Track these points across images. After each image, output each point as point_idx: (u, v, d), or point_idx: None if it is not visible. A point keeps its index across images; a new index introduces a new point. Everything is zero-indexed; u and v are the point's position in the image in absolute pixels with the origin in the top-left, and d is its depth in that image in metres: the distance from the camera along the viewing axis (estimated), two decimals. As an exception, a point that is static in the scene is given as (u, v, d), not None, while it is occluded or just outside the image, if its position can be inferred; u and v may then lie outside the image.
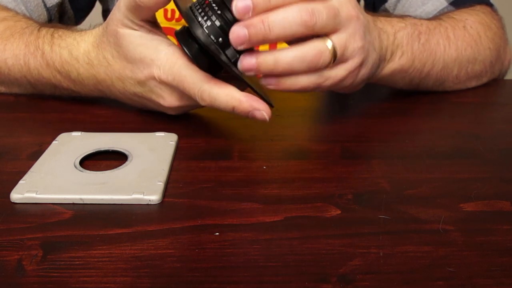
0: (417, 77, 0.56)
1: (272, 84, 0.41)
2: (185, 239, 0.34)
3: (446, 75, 0.58)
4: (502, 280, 0.31)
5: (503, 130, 0.52)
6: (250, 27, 0.38)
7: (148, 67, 0.46)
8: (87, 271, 0.31)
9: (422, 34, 0.55)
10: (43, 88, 0.54)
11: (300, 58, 0.40)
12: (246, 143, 0.48)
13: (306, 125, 0.54)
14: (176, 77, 0.45)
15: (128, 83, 0.48)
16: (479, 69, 0.60)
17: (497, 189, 0.40)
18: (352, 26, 0.42)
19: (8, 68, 0.54)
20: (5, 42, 0.54)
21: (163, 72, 0.45)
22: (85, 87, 0.51)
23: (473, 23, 0.60)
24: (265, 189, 0.40)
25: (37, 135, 0.49)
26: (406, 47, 0.53)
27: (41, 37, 0.53)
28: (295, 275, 0.31)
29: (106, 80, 0.49)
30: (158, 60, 0.45)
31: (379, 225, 0.36)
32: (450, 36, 0.57)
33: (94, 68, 0.49)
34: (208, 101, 0.43)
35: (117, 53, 0.47)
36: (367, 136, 0.49)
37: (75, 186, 0.39)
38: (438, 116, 0.55)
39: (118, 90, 0.49)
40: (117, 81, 0.49)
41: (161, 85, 0.46)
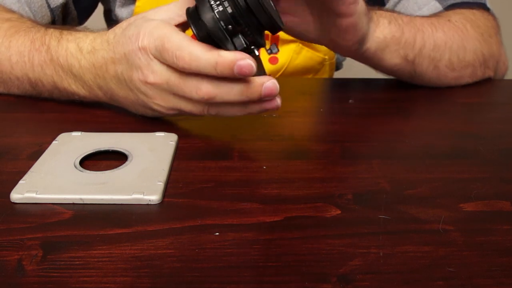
0: (411, 52, 0.56)
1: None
2: (185, 239, 0.34)
3: (439, 57, 0.58)
4: (502, 280, 0.31)
5: (503, 130, 0.52)
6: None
7: (137, 34, 0.44)
8: (87, 271, 0.31)
9: (404, 17, 0.57)
10: (43, 88, 0.54)
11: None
12: (246, 143, 0.48)
13: (306, 125, 0.54)
14: (158, 37, 0.43)
15: (118, 61, 0.46)
16: (471, 58, 0.61)
17: (497, 189, 0.40)
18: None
19: (11, 65, 0.54)
20: (10, 39, 0.54)
21: (147, 35, 0.43)
22: (85, 84, 0.50)
23: (458, 18, 0.61)
24: (265, 189, 0.40)
25: (37, 135, 0.49)
26: (390, 18, 0.54)
27: (48, 34, 0.53)
28: (295, 275, 0.31)
29: (102, 66, 0.48)
30: (147, 26, 0.44)
31: (379, 225, 0.36)
32: (435, 23, 0.58)
33: (95, 54, 0.48)
34: (187, 58, 0.41)
35: (120, 32, 0.47)
36: (367, 136, 0.49)
37: (75, 186, 0.39)
38: (438, 116, 0.55)
39: (111, 76, 0.48)
40: (110, 64, 0.47)
41: (141, 54, 0.44)
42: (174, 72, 0.43)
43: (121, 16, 0.76)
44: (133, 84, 0.46)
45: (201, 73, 0.42)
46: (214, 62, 0.40)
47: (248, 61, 0.40)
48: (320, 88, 0.67)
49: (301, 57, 0.74)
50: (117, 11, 0.76)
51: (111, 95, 0.50)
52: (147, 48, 0.44)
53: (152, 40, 0.43)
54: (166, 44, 0.42)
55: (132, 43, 0.45)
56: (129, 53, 0.45)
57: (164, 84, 0.44)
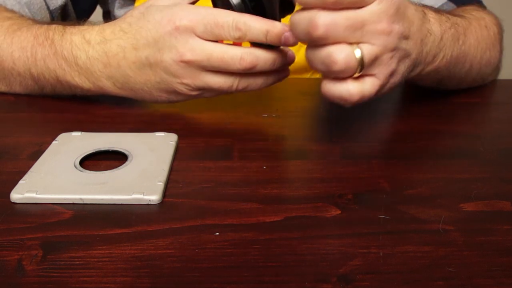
0: (446, 77, 0.55)
1: None
2: (185, 239, 0.34)
3: (467, 77, 0.58)
4: (502, 280, 0.31)
5: (503, 130, 0.52)
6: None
7: (169, 17, 0.46)
8: (87, 271, 0.31)
9: (461, 36, 0.53)
10: (45, 83, 0.54)
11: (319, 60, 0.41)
12: (246, 143, 0.48)
13: (306, 125, 0.54)
14: (206, 16, 0.45)
15: (142, 46, 0.47)
16: (489, 71, 0.61)
17: (497, 189, 0.40)
18: (381, 40, 0.40)
19: (13, 61, 0.54)
20: (12, 36, 0.54)
21: (187, 16, 0.45)
22: (91, 76, 0.50)
23: (490, 24, 0.60)
24: (265, 189, 0.40)
25: (37, 135, 0.49)
26: (448, 50, 0.51)
27: (51, 28, 0.53)
28: (295, 275, 0.31)
29: (118, 53, 0.48)
30: (181, 9, 0.46)
31: (379, 225, 0.36)
32: (479, 37, 0.57)
33: (107, 44, 0.49)
34: (243, 29, 0.44)
35: (137, 20, 0.48)
36: (367, 136, 0.49)
37: (75, 186, 0.39)
38: (438, 116, 0.55)
39: (129, 63, 0.48)
40: (130, 50, 0.48)
41: (178, 34, 0.46)
42: (217, 45, 0.46)
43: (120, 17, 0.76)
44: (162, 65, 0.47)
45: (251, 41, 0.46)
46: (266, 31, 0.44)
47: (292, 33, 0.43)
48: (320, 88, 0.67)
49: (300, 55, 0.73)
50: (116, 12, 0.76)
51: (123, 82, 0.50)
52: (191, 27, 0.45)
53: (199, 19, 0.45)
54: (220, 19, 0.45)
55: (163, 26, 0.46)
56: (161, 35, 0.46)
57: (205, 60, 0.46)
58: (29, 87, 0.56)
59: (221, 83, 0.47)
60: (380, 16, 0.39)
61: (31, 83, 0.55)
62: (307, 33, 0.39)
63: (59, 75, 0.52)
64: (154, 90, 0.50)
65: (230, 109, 0.55)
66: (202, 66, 0.46)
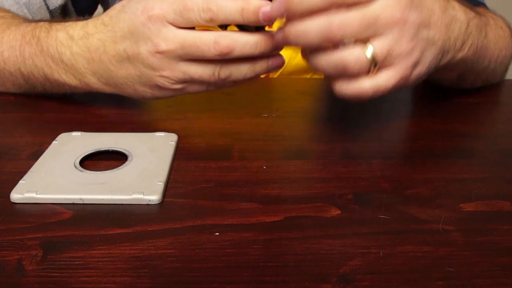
0: (468, 71, 0.54)
1: None
2: (185, 239, 0.34)
3: (482, 74, 0.57)
4: (502, 280, 0.31)
5: (503, 130, 0.52)
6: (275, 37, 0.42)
7: (143, 7, 0.44)
8: (87, 271, 0.31)
9: (483, 28, 0.52)
10: (35, 82, 0.54)
11: (333, 65, 0.40)
12: (246, 143, 0.48)
13: (306, 125, 0.54)
14: (176, 1, 0.43)
15: (120, 39, 0.46)
16: (500, 71, 0.60)
17: (497, 189, 0.40)
18: (396, 31, 0.39)
19: (3, 61, 0.54)
20: (1, 35, 0.54)
21: (159, 3, 0.44)
22: (77, 72, 0.50)
23: (503, 25, 0.60)
24: (265, 189, 0.40)
25: (37, 135, 0.49)
26: (474, 38, 0.50)
27: (38, 26, 0.53)
28: (295, 275, 0.31)
29: (99, 48, 0.48)
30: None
31: (379, 225, 0.36)
32: (496, 35, 0.56)
33: (89, 38, 0.48)
34: (214, 9, 0.42)
35: (117, 13, 0.47)
36: (367, 136, 0.49)
37: (75, 186, 0.39)
38: (438, 116, 0.55)
39: (110, 57, 0.47)
40: (110, 44, 0.47)
41: (151, 23, 0.44)
42: (189, 31, 0.44)
43: None
44: (140, 58, 0.46)
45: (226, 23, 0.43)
46: (241, 9, 0.42)
47: (270, 7, 0.41)
48: (320, 88, 0.67)
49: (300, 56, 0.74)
50: None
51: (107, 78, 0.49)
52: (162, 15, 0.43)
53: (169, 5, 0.43)
54: (189, 2, 0.43)
55: (137, 16, 0.45)
56: (136, 27, 0.45)
57: (179, 48, 0.44)
58: (22, 86, 0.56)
59: (200, 72, 0.45)
60: (393, 6, 0.39)
61: (22, 82, 0.55)
62: (324, 37, 0.38)
63: (47, 73, 0.52)
64: (137, 85, 0.48)
65: (230, 109, 0.55)
66: (178, 55, 0.44)
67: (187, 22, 0.43)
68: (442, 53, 0.45)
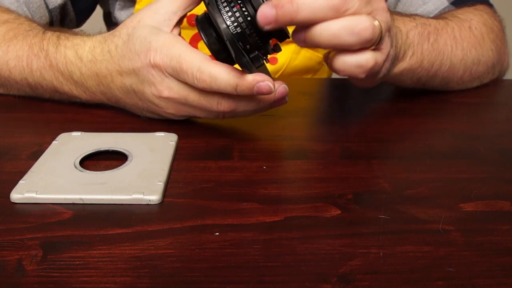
0: (425, 76, 0.55)
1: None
2: (185, 239, 0.34)
3: (451, 76, 0.58)
4: (502, 280, 0.31)
5: (503, 130, 0.52)
6: (278, 8, 0.37)
7: (146, 51, 0.45)
8: (87, 271, 0.31)
9: (431, 34, 0.54)
10: (43, 92, 0.54)
11: (349, 30, 0.39)
12: (246, 143, 0.48)
13: (306, 125, 0.54)
14: (174, 58, 0.43)
15: (126, 74, 0.47)
16: (482, 70, 0.60)
17: (497, 189, 0.40)
18: (385, 15, 0.41)
19: (9, 70, 0.54)
20: (8, 44, 0.54)
21: (159, 53, 0.44)
22: (87, 90, 0.51)
23: (478, 24, 0.60)
24: (265, 189, 0.40)
25: (37, 135, 0.49)
26: (416, 47, 0.52)
27: (46, 38, 0.53)
28: (295, 275, 0.31)
29: (107, 76, 0.48)
30: (156, 42, 0.44)
31: (379, 225, 0.36)
32: (457, 36, 0.57)
33: (97, 64, 0.49)
34: (208, 81, 0.42)
35: (122, 44, 0.47)
36: (367, 136, 0.49)
37: (75, 186, 0.39)
38: (438, 116, 0.55)
39: (117, 87, 0.49)
40: (116, 76, 0.48)
41: (154, 71, 0.45)
42: (193, 90, 0.45)
43: (120, 19, 0.76)
44: (145, 97, 0.47)
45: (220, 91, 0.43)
46: (235, 84, 0.41)
47: (267, 82, 0.41)
48: (320, 88, 0.67)
49: (300, 57, 0.74)
50: (117, 13, 0.76)
51: (116, 101, 0.51)
52: (162, 67, 0.44)
53: (168, 61, 0.44)
54: (184, 65, 0.43)
55: (141, 60, 0.45)
56: (139, 69, 0.46)
57: (182, 99, 0.46)
58: (27, 93, 0.56)
59: (205, 114, 0.47)
60: None
61: (28, 90, 0.55)
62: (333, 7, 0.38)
63: (57, 86, 0.52)
64: (144, 111, 0.50)
65: (230, 109, 0.55)
66: (182, 103, 0.46)
67: (185, 81, 0.44)
68: (395, 58, 0.47)
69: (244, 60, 0.40)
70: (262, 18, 0.37)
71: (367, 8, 0.39)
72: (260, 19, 0.38)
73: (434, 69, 0.55)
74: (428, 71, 0.55)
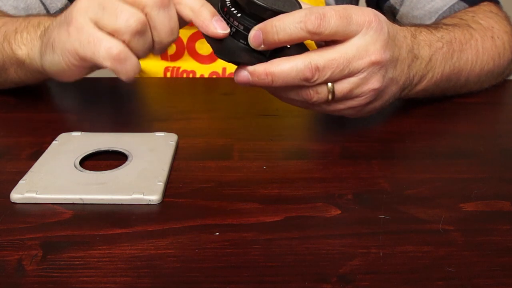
0: (438, 92, 0.55)
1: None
2: (185, 239, 0.34)
3: (463, 89, 0.58)
4: (502, 280, 0.31)
5: (503, 130, 0.52)
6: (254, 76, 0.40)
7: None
8: (87, 271, 0.31)
9: (455, 53, 0.53)
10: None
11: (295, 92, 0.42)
12: (246, 143, 0.48)
13: (306, 125, 0.54)
14: None
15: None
16: (493, 81, 0.60)
17: (497, 189, 0.40)
18: (368, 70, 0.41)
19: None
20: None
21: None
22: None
23: (499, 32, 0.60)
24: (265, 189, 0.40)
25: (37, 135, 0.49)
26: (437, 70, 0.51)
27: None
28: (295, 275, 0.31)
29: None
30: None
31: (379, 225, 0.36)
32: (479, 50, 0.56)
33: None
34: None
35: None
36: (367, 136, 0.49)
37: (75, 186, 0.39)
38: (438, 116, 0.55)
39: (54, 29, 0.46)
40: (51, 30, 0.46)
41: None
42: None
43: None
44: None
45: None
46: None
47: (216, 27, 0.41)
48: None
49: None
50: None
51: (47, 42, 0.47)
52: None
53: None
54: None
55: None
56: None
57: None
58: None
59: None
60: (369, 49, 0.41)
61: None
62: (304, 79, 0.40)
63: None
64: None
65: (230, 109, 0.55)
66: None
67: None
68: (401, 90, 0.47)
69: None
70: (238, 77, 0.41)
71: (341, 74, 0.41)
72: (236, 77, 0.41)
73: (449, 85, 0.55)
74: (443, 89, 0.55)
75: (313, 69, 0.40)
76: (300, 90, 0.42)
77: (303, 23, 0.39)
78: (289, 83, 0.40)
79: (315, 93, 0.41)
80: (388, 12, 0.73)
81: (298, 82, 0.40)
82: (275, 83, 0.40)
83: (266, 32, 0.39)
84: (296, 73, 0.40)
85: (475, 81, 0.58)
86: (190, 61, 0.73)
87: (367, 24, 0.40)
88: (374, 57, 0.41)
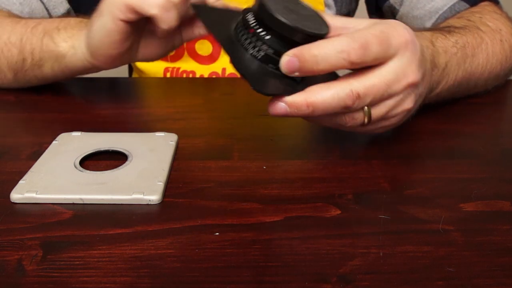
0: (448, 96, 0.54)
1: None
2: (185, 239, 0.34)
3: (469, 92, 0.58)
4: (502, 280, 0.31)
5: (503, 130, 0.52)
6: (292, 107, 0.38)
7: None
8: (87, 271, 0.31)
9: (468, 57, 0.53)
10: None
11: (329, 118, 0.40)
12: (246, 143, 0.48)
13: (306, 125, 0.54)
14: None
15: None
16: (496, 83, 0.60)
17: (497, 189, 0.40)
18: (405, 92, 0.40)
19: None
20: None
21: None
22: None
23: (506, 35, 0.60)
24: (265, 189, 0.40)
25: (37, 135, 0.49)
26: (451, 75, 0.51)
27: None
28: (295, 275, 0.31)
29: None
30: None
31: (379, 225, 0.36)
32: (489, 54, 0.56)
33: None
34: None
35: None
36: (367, 136, 0.49)
37: (75, 186, 0.39)
38: (438, 116, 0.54)
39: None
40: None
41: None
42: None
43: None
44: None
45: None
46: None
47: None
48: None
49: None
50: None
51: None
52: None
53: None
54: None
55: None
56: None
57: None
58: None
59: None
60: (405, 72, 0.39)
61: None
62: (344, 107, 0.38)
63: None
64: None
65: (230, 109, 0.55)
66: None
67: None
68: (422, 100, 0.47)
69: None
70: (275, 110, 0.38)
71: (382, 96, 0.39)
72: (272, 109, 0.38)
73: (460, 90, 0.55)
74: (453, 93, 0.54)
75: (354, 97, 0.38)
76: (336, 116, 0.40)
77: (345, 53, 0.36)
78: (329, 112, 0.38)
79: (351, 119, 0.40)
80: (388, 12, 0.73)
81: (337, 110, 0.38)
82: (315, 113, 0.38)
83: (304, 61, 0.36)
84: (338, 102, 0.37)
85: (482, 85, 0.58)
86: (190, 61, 0.73)
87: (404, 45, 0.39)
88: (411, 79, 0.40)
